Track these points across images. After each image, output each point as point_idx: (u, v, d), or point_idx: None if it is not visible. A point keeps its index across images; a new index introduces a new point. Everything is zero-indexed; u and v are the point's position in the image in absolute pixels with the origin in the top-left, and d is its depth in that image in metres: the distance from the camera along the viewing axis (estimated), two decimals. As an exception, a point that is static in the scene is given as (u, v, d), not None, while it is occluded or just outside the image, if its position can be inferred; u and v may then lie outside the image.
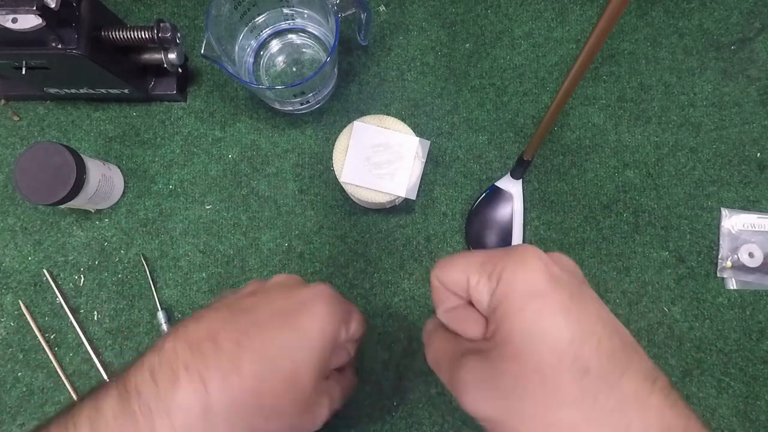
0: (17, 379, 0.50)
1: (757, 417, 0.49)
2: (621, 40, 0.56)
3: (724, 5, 0.56)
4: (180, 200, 0.53)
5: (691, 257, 0.52)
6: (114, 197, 0.52)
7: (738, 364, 0.50)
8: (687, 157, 0.54)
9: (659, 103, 0.55)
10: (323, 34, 0.54)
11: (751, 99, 0.54)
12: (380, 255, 0.52)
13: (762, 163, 0.53)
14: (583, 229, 0.53)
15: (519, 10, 0.56)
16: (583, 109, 0.55)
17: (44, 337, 0.51)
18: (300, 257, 0.52)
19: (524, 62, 0.56)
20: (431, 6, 0.57)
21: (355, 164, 0.46)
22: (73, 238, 0.53)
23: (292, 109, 0.53)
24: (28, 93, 0.54)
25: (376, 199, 0.46)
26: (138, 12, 0.56)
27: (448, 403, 0.50)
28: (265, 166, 0.54)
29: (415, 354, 0.50)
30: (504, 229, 0.51)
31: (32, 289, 0.52)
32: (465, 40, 0.56)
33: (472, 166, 0.54)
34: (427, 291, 0.52)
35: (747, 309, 0.51)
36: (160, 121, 0.55)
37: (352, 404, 0.50)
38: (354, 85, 0.55)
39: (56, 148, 0.46)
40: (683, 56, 0.55)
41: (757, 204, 0.53)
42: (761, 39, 0.55)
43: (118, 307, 0.51)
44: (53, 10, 0.40)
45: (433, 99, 0.55)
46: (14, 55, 0.43)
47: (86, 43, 0.43)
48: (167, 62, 0.49)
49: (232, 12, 0.48)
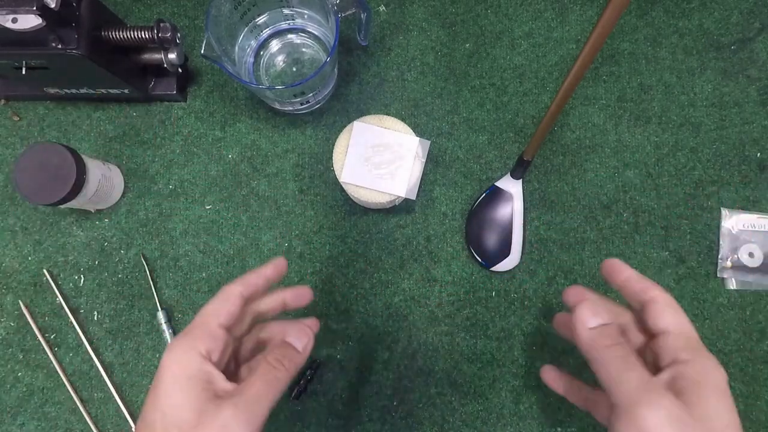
0: (17, 379, 0.50)
1: (757, 417, 0.49)
2: (621, 40, 0.56)
3: (724, 5, 0.56)
4: (180, 200, 0.53)
5: (691, 257, 0.52)
6: (114, 197, 0.52)
7: (738, 364, 0.50)
8: (687, 157, 0.54)
9: (659, 103, 0.55)
10: (323, 34, 0.54)
11: (751, 99, 0.54)
12: (380, 255, 0.52)
13: (762, 163, 0.53)
14: (583, 229, 0.53)
15: (519, 10, 0.56)
16: (583, 109, 0.55)
17: (44, 337, 0.51)
18: (300, 257, 0.52)
19: (524, 62, 0.56)
20: (431, 6, 0.57)
21: (355, 164, 0.46)
22: (73, 238, 0.53)
23: (292, 109, 0.53)
24: (28, 93, 0.54)
25: (376, 199, 0.46)
26: (138, 12, 0.56)
27: (448, 403, 0.50)
28: (265, 166, 0.54)
29: (415, 354, 0.51)
30: (504, 229, 0.51)
31: (32, 289, 0.52)
32: (465, 40, 0.56)
33: (472, 166, 0.54)
34: (427, 291, 0.52)
35: (747, 309, 0.51)
36: (160, 121, 0.55)
37: (353, 404, 0.50)
38: (354, 85, 0.55)
39: (56, 148, 0.46)
40: (683, 56, 0.55)
41: (757, 204, 0.53)
42: (761, 39, 0.55)
43: (118, 307, 0.51)
44: (53, 10, 0.40)
45: (433, 99, 0.55)
46: (14, 55, 0.43)
47: (86, 43, 0.43)
48: (167, 62, 0.49)
49: (232, 12, 0.48)
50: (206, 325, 0.32)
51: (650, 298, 0.32)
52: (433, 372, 0.50)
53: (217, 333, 0.31)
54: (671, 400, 0.27)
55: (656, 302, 0.32)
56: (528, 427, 0.49)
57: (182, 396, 0.28)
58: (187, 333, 0.31)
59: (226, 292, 0.33)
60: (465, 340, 0.51)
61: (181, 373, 0.29)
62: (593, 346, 0.31)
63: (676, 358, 0.29)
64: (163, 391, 0.29)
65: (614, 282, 0.34)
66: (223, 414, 0.28)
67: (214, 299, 0.33)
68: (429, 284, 0.52)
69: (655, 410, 0.27)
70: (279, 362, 0.31)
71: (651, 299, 0.32)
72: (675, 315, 0.31)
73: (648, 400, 0.27)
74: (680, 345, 0.30)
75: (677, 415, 0.27)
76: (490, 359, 0.50)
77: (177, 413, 0.28)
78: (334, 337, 0.51)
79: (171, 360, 0.30)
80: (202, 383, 0.29)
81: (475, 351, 0.51)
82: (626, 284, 0.34)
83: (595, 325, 0.31)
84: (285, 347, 0.33)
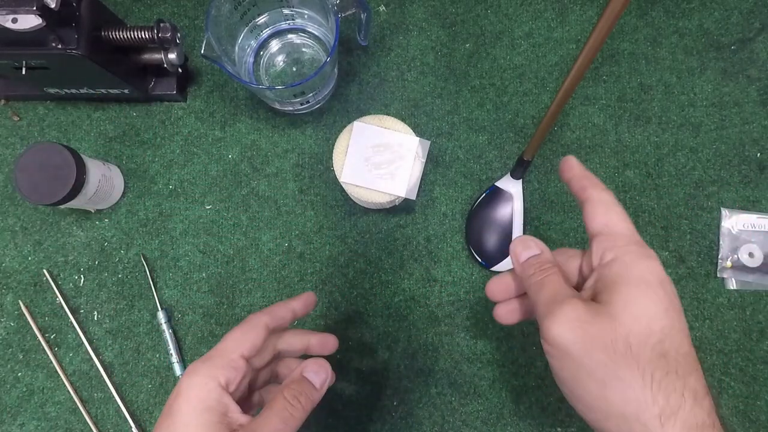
0: (17, 379, 0.50)
1: (757, 417, 0.49)
2: (621, 40, 0.56)
3: (724, 5, 0.56)
4: (180, 200, 0.53)
5: (691, 257, 0.52)
6: (114, 197, 0.52)
7: (738, 364, 0.50)
8: (687, 157, 0.54)
9: (659, 103, 0.55)
10: (323, 34, 0.54)
11: (751, 99, 0.54)
12: (380, 255, 0.52)
13: (762, 163, 0.53)
14: (583, 229, 0.53)
15: (519, 10, 0.56)
16: (583, 109, 0.55)
17: (44, 337, 0.51)
18: (300, 257, 0.52)
19: (524, 62, 0.56)
20: (431, 6, 0.57)
21: (355, 164, 0.46)
22: (73, 238, 0.53)
23: (292, 109, 0.53)
24: (28, 93, 0.54)
25: (376, 199, 0.46)
26: (138, 12, 0.56)
27: (448, 404, 0.50)
28: (265, 166, 0.54)
29: (415, 354, 0.51)
30: (504, 229, 0.51)
31: (32, 289, 0.52)
32: (465, 40, 0.56)
33: (472, 166, 0.54)
34: (427, 291, 0.52)
35: (747, 309, 0.51)
36: (160, 121, 0.55)
37: (353, 404, 0.50)
38: (354, 85, 0.55)
39: (56, 148, 0.46)
40: (683, 56, 0.55)
41: (757, 204, 0.53)
42: (761, 39, 0.55)
43: (118, 307, 0.51)
44: (53, 10, 0.40)
45: (433, 99, 0.55)
46: (14, 55, 0.43)
47: (86, 43, 0.43)
48: (167, 62, 0.49)
49: (232, 12, 0.48)
50: (228, 353, 0.31)
51: (586, 198, 0.30)
52: (433, 372, 0.50)
53: (238, 364, 0.31)
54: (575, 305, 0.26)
55: (589, 202, 0.30)
56: (528, 427, 0.49)
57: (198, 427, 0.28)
58: (207, 359, 0.31)
59: (253, 321, 0.33)
60: (465, 340, 0.51)
61: (199, 403, 0.29)
62: (522, 278, 0.31)
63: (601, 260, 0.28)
64: (180, 419, 0.28)
65: (564, 180, 0.32)
66: None
67: (240, 327, 0.33)
68: (429, 284, 0.52)
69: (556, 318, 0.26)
70: (296, 399, 0.31)
71: (587, 199, 0.30)
72: (606, 213, 0.29)
73: (552, 310, 0.27)
74: (606, 245, 0.28)
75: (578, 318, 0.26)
76: (490, 359, 0.50)
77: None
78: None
79: (190, 386, 0.29)
80: (218, 416, 0.29)
81: (475, 351, 0.51)
82: (570, 183, 0.32)
83: (525, 258, 0.31)
84: (302, 383, 0.32)
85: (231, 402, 0.30)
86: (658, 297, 0.26)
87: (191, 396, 0.29)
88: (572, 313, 0.26)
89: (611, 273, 0.27)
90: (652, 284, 0.26)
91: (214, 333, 0.51)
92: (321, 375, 0.33)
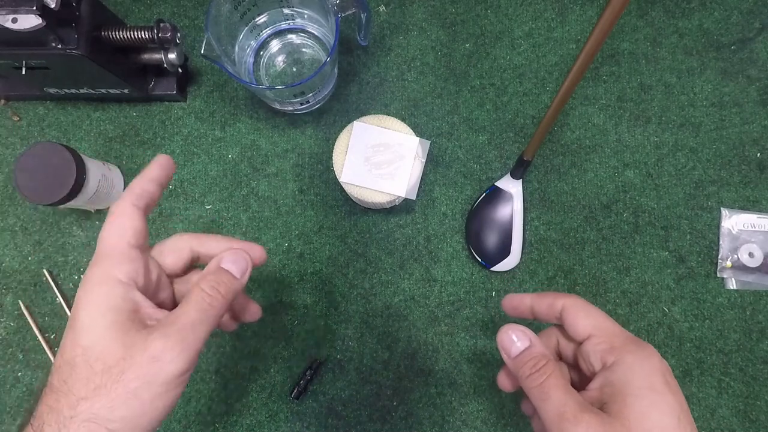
0: (17, 379, 0.50)
1: (757, 417, 0.49)
2: (621, 40, 0.56)
3: (724, 5, 0.56)
4: (180, 200, 0.53)
5: (691, 257, 0.52)
6: (114, 197, 0.52)
7: (738, 364, 0.50)
8: (687, 157, 0.54)
9: (659, 103, 0.55)
10: (323, 34, 0.54)
11: (751, 99, 0.54)
12: (380, 255, 0.52)
13: (762, 163, 0.53)
14: (583, 229, 0.53)
15: (519, 10, 0.56)
16: (583, 109, 0.55)
17: (44, 337, 0.51)
18: (300, 257, 0.52)
19: (524, 62, 0.56)
20: (431, 6, 0.57)
21: (355, 164, 0.46)
22: (73, 238, 0.53)
23: (292, 109, 0.53)
24: (28, 93, 0.54)
25: (376, 199, 0.46)
26: (138, 12, 0.56)
27: (448, 404, 0.50)
28: (265, 166, 0.54)
29: (415, 354, 0.51)
30: (504, 229, 0.51)
31: (32, 289, 0.52)
32: (465, 40, 0.56)
33: (472, 166, 0.54)
34: (427, 291, 0.52)
35: (747, 309, 0.51)
36: (160, 121, 0.55)
37: (353, 404, 0.50)
38: (354, 85, 0.55)
39: (56, 148, 0.46)
40: (683, 56, 0.55)
41: (757, 204, 0.53)
42: (761, 39, 0.55)
43: (118, 307, 0.51)
44: (53, 10, 0.40)
45: (433, 99, 0.55)
46: (14, 55, 0.43)
47: (86, 43, 0.43)
48: (167, 62, 0.49)
49: (232, 12, 0.48)
50: (114, 248, 0.28)
51: (561, 308, 0.31)
52: (433, 372, 0.50)
53: (131, 254, 0.28)
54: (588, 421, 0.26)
55: (566, 310, 0.30)
56: (528, 427, 0.49)
57: (105, 328, 0.25)
58: (95, 263, 0.28)
59: (118, 209, 0.29)
60: (465, 340, 0.51)
61: (100, 305, 0.26)
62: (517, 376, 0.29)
63: (604, 363, 0.28)
64: (81, 324, 0.26)
65: (523, 313, 0.33)
66: (153, 344, 0.25)
67: (108, 220, 0.29)
68: (429, 284, 0.52)
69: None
70: (214, 289, 0.28)
71: (562, 309, 0.30)
72: (588, 316, 0.30)
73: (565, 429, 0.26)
74: (604, 347, 0.28)
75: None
76: (490, 359, 0.50)
77: (100, 346, 0.25)
78: (334, 337, 0.51)
79: (87, 292, 0.27)
80: (126, 312, 0.26)
81: (475, 351, 0.51)
82: (535, 308, 0.32)
83: (517, 353, 0.30)
84: (220, 273, 0.29)
85: (142, 298, 0.27)
86: (669, 406, 0.26)
87: (90, 300, 0.26)
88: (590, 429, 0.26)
89: (617, 379, 0.27)
90: (660, 390, 0.26)
91: (214, 333, 0.51)
92: (240, 263, 0.30)
